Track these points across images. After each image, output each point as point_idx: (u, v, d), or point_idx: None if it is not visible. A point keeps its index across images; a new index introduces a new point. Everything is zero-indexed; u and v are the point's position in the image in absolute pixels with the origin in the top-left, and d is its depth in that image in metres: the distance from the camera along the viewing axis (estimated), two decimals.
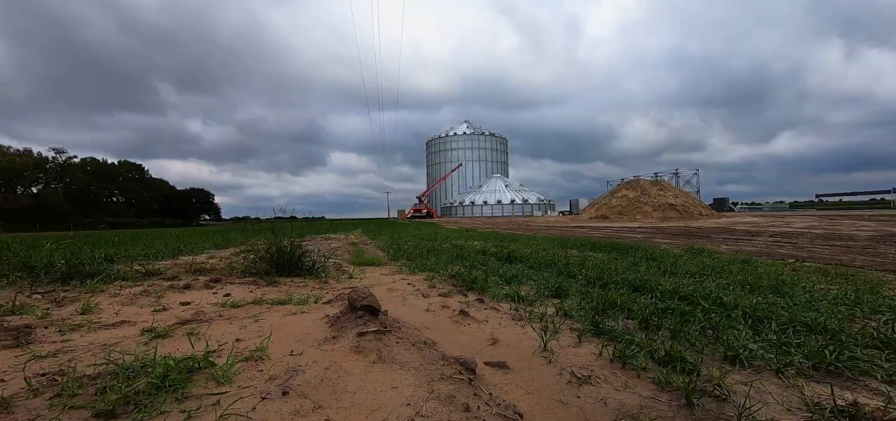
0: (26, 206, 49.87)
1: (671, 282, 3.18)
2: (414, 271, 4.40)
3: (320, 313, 2.44)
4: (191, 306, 2.69)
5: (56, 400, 1.27)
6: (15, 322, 2.18)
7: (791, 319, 2.15)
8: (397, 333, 1.93)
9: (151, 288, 3.25)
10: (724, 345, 1.81)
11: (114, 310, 2.55)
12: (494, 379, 1.57)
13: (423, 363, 1.60)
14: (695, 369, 1.55)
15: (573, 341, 1.99)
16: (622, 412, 1.31)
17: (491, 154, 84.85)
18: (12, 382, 1.44)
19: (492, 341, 2.01)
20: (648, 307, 2.40)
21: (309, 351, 1.78)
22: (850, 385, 1.50)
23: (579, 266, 4.09)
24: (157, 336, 1.99)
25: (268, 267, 3.95)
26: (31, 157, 57.46)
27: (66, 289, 3.16)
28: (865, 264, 4.49)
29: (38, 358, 1.68)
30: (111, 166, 68.96)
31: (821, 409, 1.29)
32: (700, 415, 1.29)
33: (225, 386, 1.40)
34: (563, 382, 1.55)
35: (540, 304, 2.74)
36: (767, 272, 3.66)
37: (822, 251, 5.95)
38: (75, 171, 62.11)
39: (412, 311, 2.65)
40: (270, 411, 1.24)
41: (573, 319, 2.36)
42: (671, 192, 28.02)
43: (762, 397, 1.40)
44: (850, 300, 2.61)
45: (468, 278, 3.58)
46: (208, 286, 3.43)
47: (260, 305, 2.68)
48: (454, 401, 1.30)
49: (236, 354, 1.72)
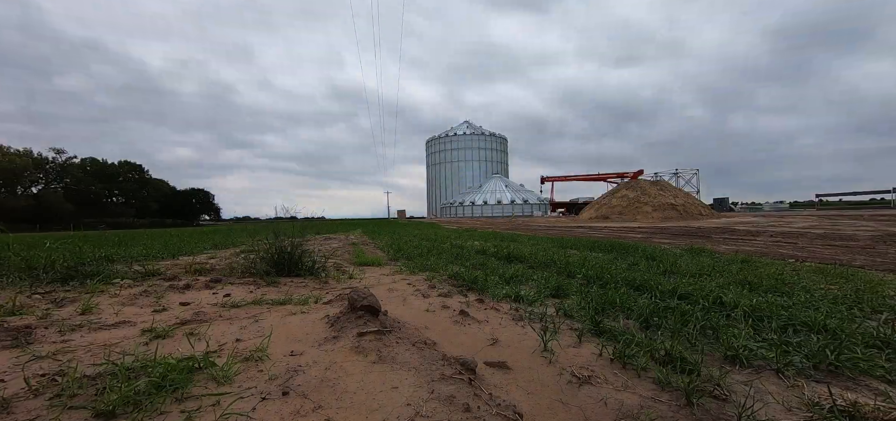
0: (26, 206, 49.86)
1: (671, 282, 3.18)
2: (414, 271, 4.40)
3: (320, 313, 2.44)
4: (191, 307, 2.69)
5: (56, 400, 1.27)
6: (15, 322, 2.18)
7: (791, 318, 2.15)
8: (397, 333, 1.93)
9: (151, 288, 3.24)
10: (724, 345, 1.81)
11: (114, 310, 2.55)
12: (494, 379, 1.57)
13: (424, 363, 1.60)
14: (695, 369, 1.55)
15: (573, 341, 1.99)
16: (622, 412, 1.31)
17: (491, 154, 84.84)
18: (12, 382, 1.44)
19: (492, 341, 2.01)
20: (648, 307, 2.40)
21: (309, 351, 1.78)
22: (850, 385, 1.50)
23: (579, 266, 4.09)
24: (157, 336, 1.99)
25: (268, 267, 3.95)
26: (30, 157, 57.47)
27: (66, 289, 3.16)
28: (865, 264, 4.49)
29: (38, 358, 1.68)
30: (111, 166, 68.92)
31: (821, 409, 1.29)
32: (700, 415, 1.29)
33: (225, 386, 1.40)
34: (564, 382, 1.55)
35: (540, 304, 2.74)
36: (767, 272, 3.66)
37: (823, 251, 5.95)
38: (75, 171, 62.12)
39: (412, 311, 2.65)
40: (270, 411, 1.24)
41: (573, 319, 2.36)
42: (671, 192, 28.03)
43: (762, 397, 1.40)
44: (850, 300, 2.61)
45: (468, 278, 3.58)
46: (208, 286, 3.43)
47: (260, 306, 2.68)
48: (454, 401, 1.30)
49: (236, 354, 1.72)
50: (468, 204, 64.52)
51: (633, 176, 45.39)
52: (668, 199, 26.35)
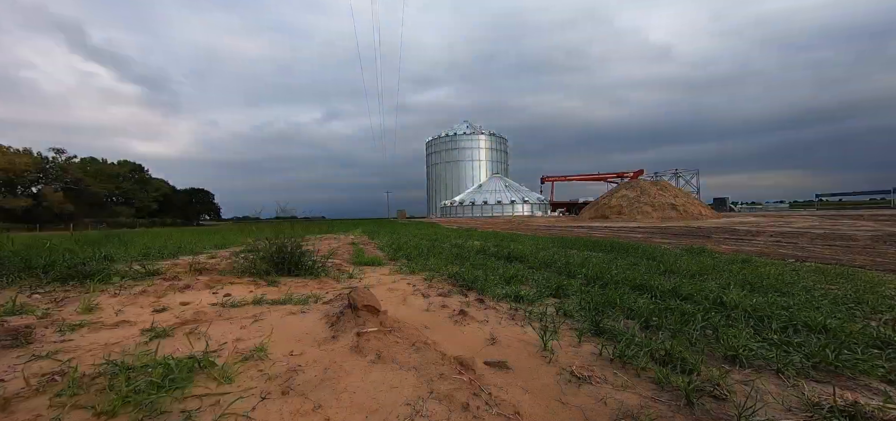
0: (26, 206, 49.89)
1: (671, 282, 3.18)
2: (414, 271, 4.40)
3: (320, 313, 2.44)
4: (191, 306, 2.69)
5: (56, 400, 1.27)
6: (15, 322, 2.18)
7: (791, 318, 2.15)
8: (397, 332, 1.93)
9: (152, 288, 3.25)
10: (724, 345, 1.81)
11: (114, 310, 2.55)
12: (494, 379, 1.57)
13: (423, 363, 1.60)
14: (695, 369, 1.55)
15: (573, 341, 1.99)
16: (622, 412, 1.31)
17: (491, 154, 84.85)
18: (12, 382, 1.44)
19: (491, 341, 2.01)
20: (648, 307, 2.40)
21: (309, 351, 1.78)
22: (850, 385, 1.50)
23: (579, 266, 4.09)
24: (157, 336, 1.99)
25: (268, 267, 3.95)
26: (30, 157, 57.50)
27: (66, 289, 3.16)
28: (866, 264, 4.49)
29: (38, 358, 1.68)
30: (111, 166, 68.98)
31: (820, 409, 1.29)
32: (700, 415, 1.29)
33: (225, 386, 1.40)
34: (563, 381, 1.55)
35: (540, 303, 2.74)
36: (768, 272, 3.66)
37: (823, 251, 5.95)
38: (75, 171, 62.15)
39: (412, 310, 2.65)
40: (270, 411, 1.25)
41: (573, 319, 2.36)
42: (671, 192, 28.04)
43: (762, 397, 1.40)
44: (850, 300, 2.61)
45: (468, 278, 3.58)
46: (208, 286, 3.43)
47: (260, 305, 2.68)
48: (454, 400, 1.30)
49: (236, 353, 1.72)
50: (468, 204, 64.53)
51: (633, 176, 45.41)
52: (668, 199, 26.37)
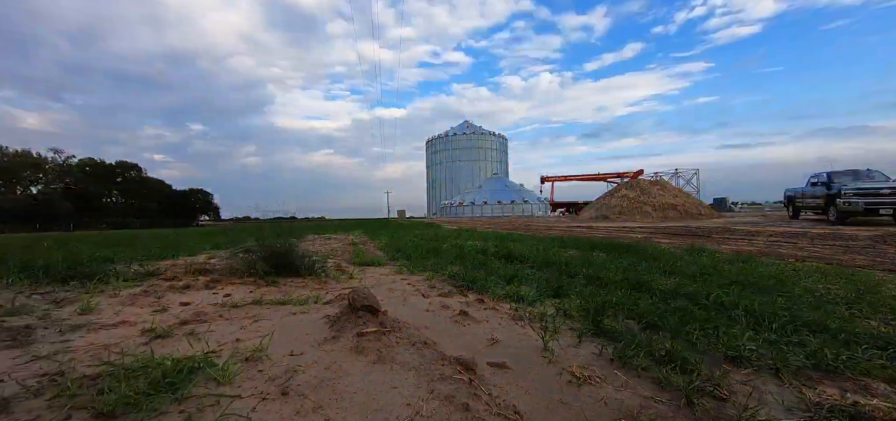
0: (26, 206, 49.87)
1: (671, 281, 3.18)
2: (414, 271, 4.40)
3: (320, 313, 2.44)
4: (191, 307, 2.69)
5: (56, 400, 1.27)
6: (15, 322, 2.18)
7: (791, 318, 2.15)
8: (397, 333, 1.93)
9: (151, 288, 3.25)
10: (724, 345, 1.81)
11: (113, 310, 2.55)
12: (494, 379, 1.57)
13: (423, 363, 1.60)
14: (695, 369, 1.55)
15: (573, 341, 1.99)
16: (622, 412, 1.31)
17: (491, 154, 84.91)
18: (12, 382, 1.44)
19: (492, 341, 2.01)
20: (648, 307, 2.40)
21: (309, 351, 1.78)
22: (850, 385, 1.50)
23: (579, 266, 4.09)
24: (156, 336, 1.99)
25: (267, 267, 3.95)
26: (30, 157, 57.47)
27: (66, 289, 3.16)
28: (866, 264, 4.49)
29: (38, 358, 1.68)
30: (110, 167, 68.92)
31: (820, 409, 1.29)
32: (700, 415, 1.29)
33: (225, 386, 1.40)
34: (563, 381, 1.55)
35: (540, 304, 2.74)
36: (768, 272, 3.66)
37: (823, 251, 5.95)
38: (74, 171, 62.14)
39: (412, 311, 2.65)
40: (270, 411, 1.24)
41: (573, 319, 2.36)
42: (671, 191, 28.04)
43: (762, 397, 1.40)
44: (850, 300, 2.61)
45: (468, 278, 3.58)
46: (208, 286, 3.43)
47: (260, 306, 2.68)
48: (454, 401, 1.30)
49: (236, 354, 1.72)
50: (468, 204, 64.53)
51: (633, 176, 45.38)
52: (668, 198, 26.37)
